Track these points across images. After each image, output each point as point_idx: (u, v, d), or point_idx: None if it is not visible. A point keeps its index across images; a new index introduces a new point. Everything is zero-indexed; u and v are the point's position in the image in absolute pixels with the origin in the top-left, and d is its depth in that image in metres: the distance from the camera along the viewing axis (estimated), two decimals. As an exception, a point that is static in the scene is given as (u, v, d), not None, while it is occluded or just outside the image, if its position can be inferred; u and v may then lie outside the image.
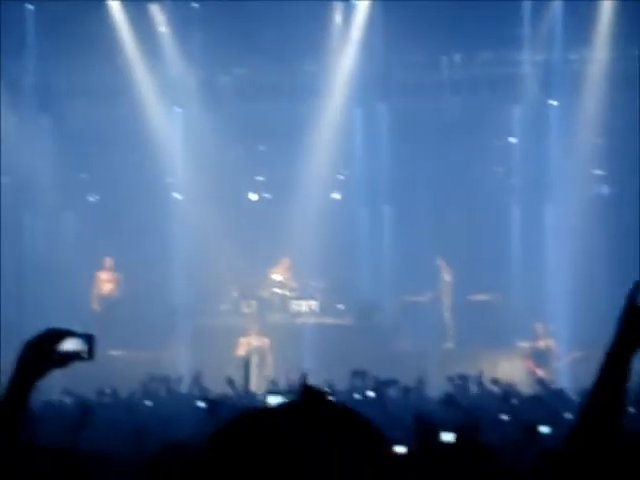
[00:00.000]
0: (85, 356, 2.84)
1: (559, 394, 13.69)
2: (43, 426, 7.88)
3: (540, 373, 19.19)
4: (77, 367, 2.88)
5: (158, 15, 21.20)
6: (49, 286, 20.70)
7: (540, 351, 19.69)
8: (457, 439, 6.48)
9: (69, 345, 2.80)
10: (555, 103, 21.52)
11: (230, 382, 13.88)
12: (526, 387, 16.11)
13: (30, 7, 20.75)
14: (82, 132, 21.47)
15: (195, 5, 20.77)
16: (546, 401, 12.40)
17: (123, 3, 20.96)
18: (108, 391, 13.44)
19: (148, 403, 13.09)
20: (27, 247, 21.71)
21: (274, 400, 2.51)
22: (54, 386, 12.31)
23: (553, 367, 19.51)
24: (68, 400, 13.00)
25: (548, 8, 20.91)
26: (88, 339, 2.84)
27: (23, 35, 21.00)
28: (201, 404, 11.13)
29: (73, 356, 2.81)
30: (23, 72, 21.40)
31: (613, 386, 2.61)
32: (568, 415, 10.55)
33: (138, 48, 21.28)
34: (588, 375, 2.94)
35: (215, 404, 10.41)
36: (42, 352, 2.78)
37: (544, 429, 8.82)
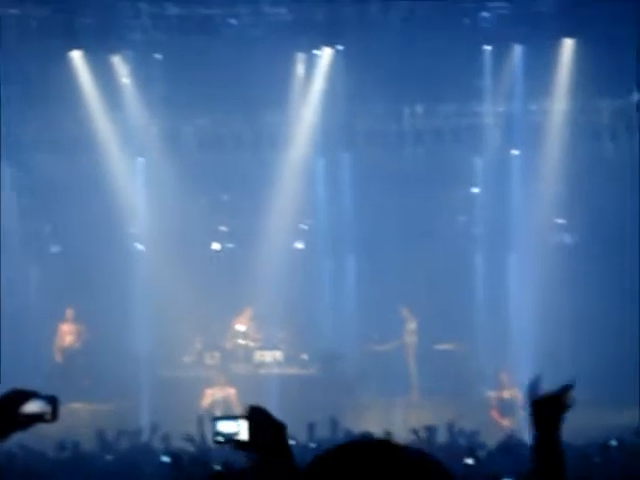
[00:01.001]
0: (48, 418, 2.85)
1: (524, 445, 13.65)
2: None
3: (505, 423, 19.15)
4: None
5: (121, 66, 21.22)
6: (14, 338, 20.48)
7: (505, 401, 19.66)
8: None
9: (33, 407, 2.82)
10: (517, 152, 21.72)
11: (189, 439, 13.70)
12: (491, 438, 16.05)
13: (-8, 58, 20.70)
14: (44, 183, 21.40)
15: (158, 56, 20.82)
16: (511, 452, 12.36)
17: (85, 54, 20.96)
18: (69, 445, 13.22)
19: (109, 457, 12.90)
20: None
21: (224, 425, 2.53)
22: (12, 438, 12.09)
23: (518, 417, 19.47)
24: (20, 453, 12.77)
25: (508, 59, 21.15)
26: (51, 401, 2.86)
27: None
28: (165, 459, 10.99)
29: (36, 418, 2.83)
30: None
31: (551, 465, 2.70)
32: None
33: (101, 98, 21.27)
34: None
35: (179, 458, 10.28)
36: (6, 414, 2.79)
37: (508, 480, 8.79)
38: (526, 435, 16.33)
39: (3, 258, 21.35)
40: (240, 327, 21.25)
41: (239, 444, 2.83)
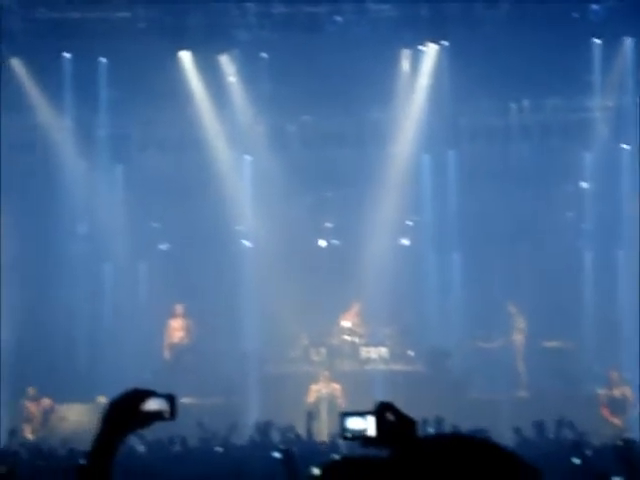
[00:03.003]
0: (167, 416, 2.93)
1: (633, 445, 13.40)
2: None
3: (616, 421, 18.85)
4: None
5: (228, 65, 21.46)
6: (124, 334, 20.93)
7: (615, 399, 19.33)
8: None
9: (152, 405, 2.90)
10: (627, 147, 21.32)
11: (296, 434, 13.78)
12: (601, 436, 15.82)
13: (103, 60, 21.16)
14: (153, 181, 21.74)
15: (264, 55, 20.99)
16: (620, 451, 12.14)
17: (194, 54, 21.26)
18: (177, 440, 13.44)
19: (218, 450, 13.07)
20: (103, 295, 21.98)
21: (352, 422, 2.53)
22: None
23: (628, 416, 19.12)
24: (141, 448, 13.04)
25: (618, 53, 20.77)
26: (170, 399, 2.94)
27: (97, 87, 21.41)
28: (277, 454, 11.08)
29: (156, 416, 2.91)
30: (97, 123, 21.79)
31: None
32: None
33: (208, 98, 21.56)
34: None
35: (290, 455, 10.33)
36: (127, 412, 2.89)
37: None
38: (637, 433, 16.05)
39: (114, 255, 21.81)
40: (346, 323, 21.28)
41: (367, 440, 2.83)
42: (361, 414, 2.85)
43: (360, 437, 2.84)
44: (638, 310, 19.63)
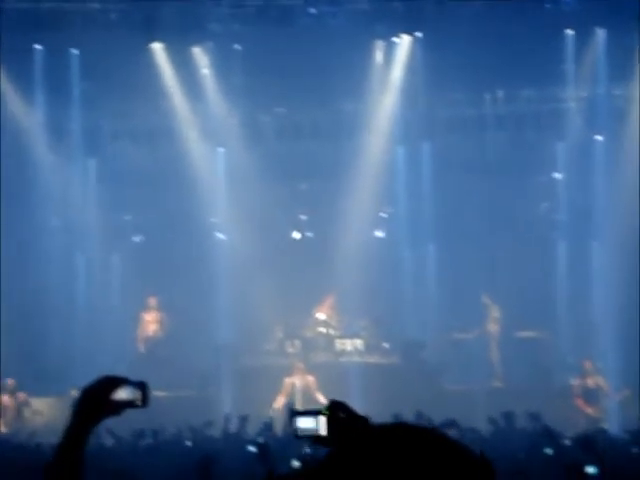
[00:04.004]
0: (139, 404, 2.92)
1: (607, 433, 13.46)
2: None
3: (590, 411, 18.92)
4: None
5: (201, 57, 21.38)
6: (97, 326, 20.86)
7: (589, 389, 19.40)
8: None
9: (123, 393, 2.89)
10: (600, 138, 21.38)
11: (270, 427, 13.74)
12: (574, 426, 15.87)
13: (75, 52, 21.02)
14: (126, 174, 21.66)
15: (237, 47, 20.92)
16: (593, 441, 12.18)
17: (166, 46, 21.16)
18: (149, 433, 13.38)
19: (188, 444, 13.02)
20: (76, 288, 21.88)
21: (303, 421, 2.48)
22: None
23: (602, 405, 19.21)
24: (110, 442, 12.97)
25: (591, 43, 20.82)
26: (141, 387, 2.92)
27: (69, 79, 21.27)
28: (252, 449, 11.03)
29: (127, 404, 2.90)
30: (69, 115, 21.65)
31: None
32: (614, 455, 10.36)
33: (181, 90, 21.47)
34: (637, 413, 2.84)
35: (266, 448, 10.29)
36: (98, 400, 2.87)
37: (591, 469, 8.68)
38: (610, 423, 16.12)
39: (88, 248, 21.71)
40: (321, 315, 21.27)
41: (318, 439, 2.82)
42: (313, 413, 2.84)
43: (311, 436, 2.84)
44: (611, 301, 19.72)
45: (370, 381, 18.95)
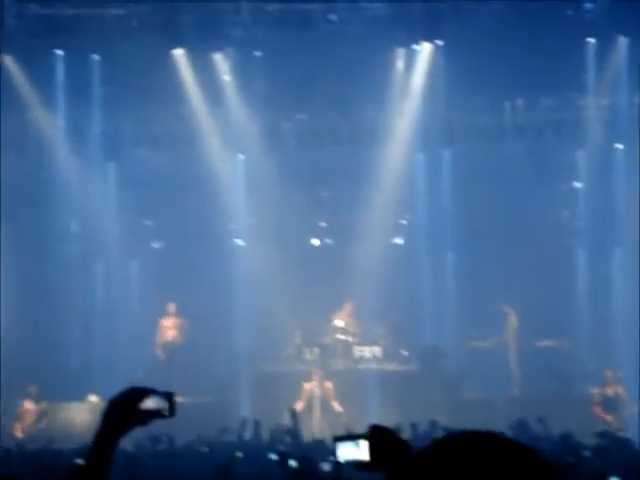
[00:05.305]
0: (166, 414, 2.94)
1: (627, 442, 13.38)
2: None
3: (609, 419, 18.84)
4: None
5: (222, 64, 21.41)
6: (116, 331, 20.91)
7: (608, 397, 19.33)
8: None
9: (151, 403, 2.91)
10: (620, 146, 21.31)
11: (289, 432, 13.72)
12: (592, 435, 15.78)
13: (96, 57, 21.09)
14: (146, 179, 21.70)
15: (258, 53, 20.95)
16: (613, 451, 12.11)
17: (188, 52, 21.20)
18: (164, 438, 13.36)
19: (205, 450, 13.00)
20: (95, 293, 21.94)
21: (344, 447, 2.45)
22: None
23: (621, 414, 19.12)
24: (129, 447, 12.95)
25: (613, 51, 20.75)
26: (168, 397, 2.94)
27: (89, 84, 21.34)
28: (273, 456, 10.99)
29: (155, 414, 2.92)
30: (89, 121, 21.72)
31: None
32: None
33: (202, 96, 21.50)
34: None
35: (287, 456, 10.24)
36: (126, 410, 2.90)
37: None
38: (630, 432, 16.02)
39: (107, 253, 21.76)
40: (339, 322, 21.25)
41: (360, 465, 2.81)
42: (354, 438, 2.83)
43: (353, 462, 2.82)
44: (632, 309, 19.63)
45: (388, 388, 18.92)
